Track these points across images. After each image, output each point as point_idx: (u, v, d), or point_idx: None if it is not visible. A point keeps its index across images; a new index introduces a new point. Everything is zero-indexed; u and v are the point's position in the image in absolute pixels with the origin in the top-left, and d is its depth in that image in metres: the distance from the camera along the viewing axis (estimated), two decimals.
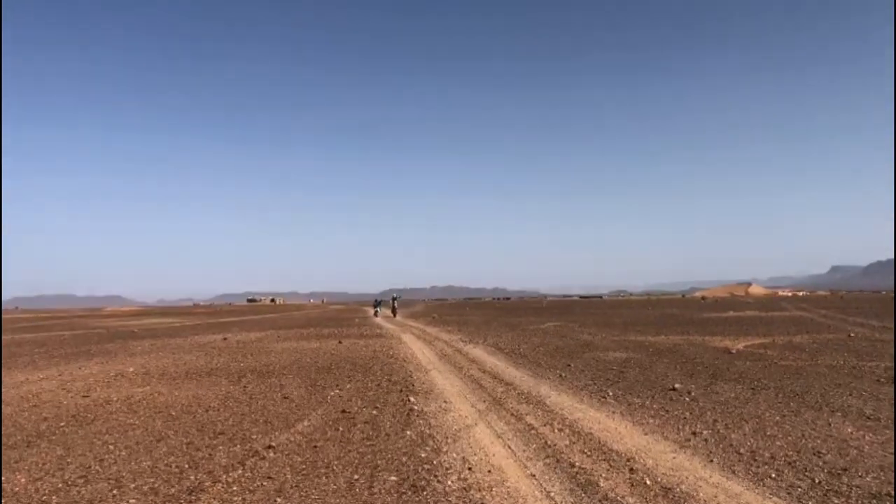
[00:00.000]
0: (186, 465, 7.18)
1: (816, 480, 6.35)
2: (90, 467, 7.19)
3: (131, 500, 6.00)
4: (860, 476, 6.46)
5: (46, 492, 6.33)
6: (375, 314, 54.86)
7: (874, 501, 5.73)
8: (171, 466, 7.16)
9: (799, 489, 6.11)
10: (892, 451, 7.35)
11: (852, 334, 23.54)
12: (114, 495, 6.17)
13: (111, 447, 8.08)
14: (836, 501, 5.77)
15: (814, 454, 7.30)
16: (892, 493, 5.90)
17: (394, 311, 54.71)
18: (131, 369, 16.29)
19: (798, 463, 6.97)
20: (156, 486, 6.45)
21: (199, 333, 32.86)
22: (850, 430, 8.42)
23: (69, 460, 7.50)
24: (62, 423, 9.60)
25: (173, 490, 6.30)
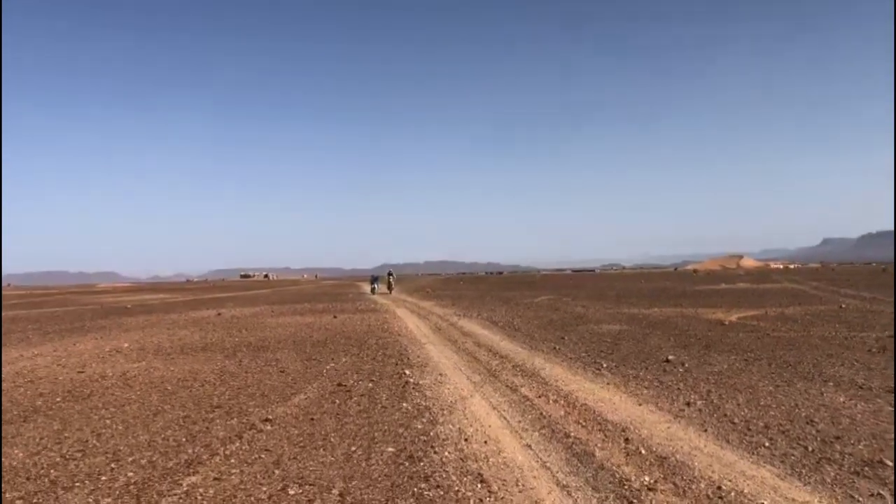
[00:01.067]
0: (184, 439, 7.21)
1: (809, 448, 6.42)
2: (87, 441, 7.20)
3: (129, 474, 6.02)
4: (852, 444, 6.53)
5: (45, 465, 6.35)
6: (372, 291, 51.45)
7: (866, 468, 5.80)
8: (168, 440, 7.18)
9: (792, 457, 6.18)
10: (884, 419, 7.44)
11: (843, 306, 23.70)
12: (112, 469, 6.19)
13: (108, 421, 8.10)
14: (828, 469, 5.84)
15: (807, 423, 7.37)
16: (884, 460, 5.97)
17: (390, 287, 51.27)
18: (126, 345, 16.29)
19: (791, 432, 7.04)
20: (153, 459, 6.47)
21: (194, 309, 32.84)
22: (842, 399, 8.50)
23: (66, 435, 7.51)
24: (58, 399, 9.60)
25: (171, 463, 6.32)
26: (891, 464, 5.87)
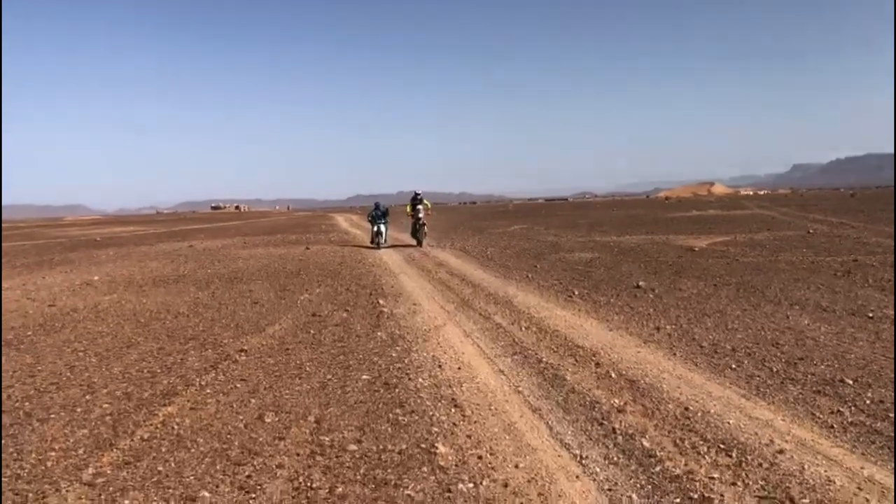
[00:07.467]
0: (158, 370, 7.22)
1: (774, 370, 6.60)
2: (61, 374, 7.18)
3: (104, 405, 6.03)
4: (815, 364, 6.73)
5: (19, 398, 6.32)
6: (375, 240, 24.34)
7: (827, 387, 5.99)
8: (142, 371, 7.18)
9: (758, 378, 6.36)
10: (846, 340, 7.66)
11: (811, 231, 24.08)
12: (87, 400, 6.19)
13: (81, 354, 8.07)
14: (791, 388, 6.02)
15: (772, 345, 7.56)
16: (845, 378, 6.17)
17: (416, 233, 23.96)
18: (96, 278, 16.12)
19: (757, 354, 7.23)
20: (128, 390, 6.48)
21: (164, 241, 32.50)
22: (806, 321, 8.71)
23: (39, 368, 7.48)
24: (29, 332, 9.52)
25: (146, 394, 6.34)
26: (850, 382, 6.07)
